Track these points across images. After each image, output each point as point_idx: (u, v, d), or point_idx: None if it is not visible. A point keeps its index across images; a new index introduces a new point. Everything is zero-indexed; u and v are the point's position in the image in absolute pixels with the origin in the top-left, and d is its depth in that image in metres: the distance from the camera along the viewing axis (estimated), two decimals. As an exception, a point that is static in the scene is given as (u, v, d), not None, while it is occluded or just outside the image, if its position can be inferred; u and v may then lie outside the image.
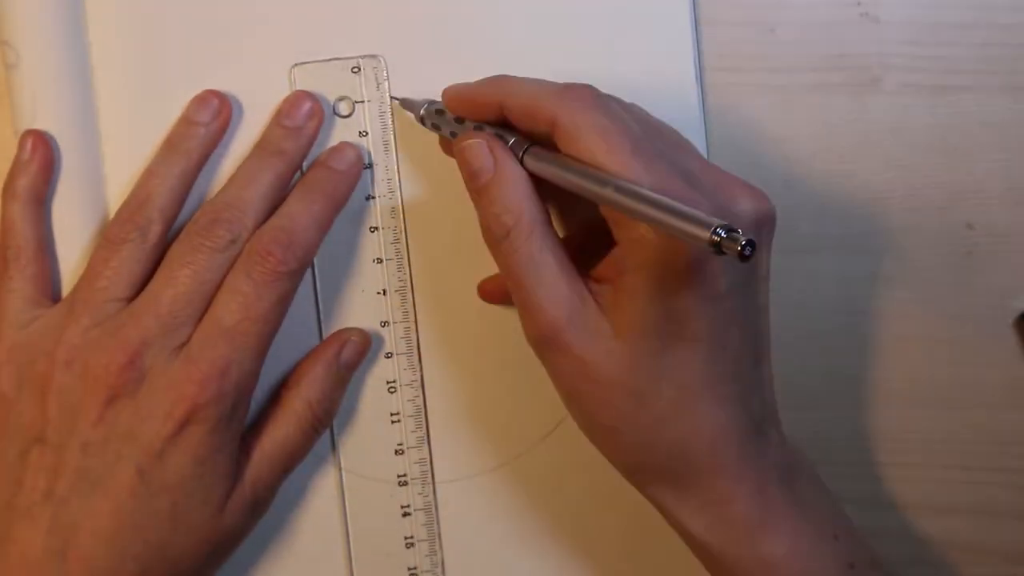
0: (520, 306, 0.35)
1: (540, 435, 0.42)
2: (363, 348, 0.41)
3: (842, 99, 0.42)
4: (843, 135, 0.42)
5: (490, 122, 0.37)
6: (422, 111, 0.39)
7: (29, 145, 0.39)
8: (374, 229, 0.41)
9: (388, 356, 0.41)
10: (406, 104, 0.40)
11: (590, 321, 0.34)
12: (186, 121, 0.40)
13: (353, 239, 0.41)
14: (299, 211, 0.38)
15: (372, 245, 0.41)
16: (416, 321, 0.41)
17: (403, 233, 0.41)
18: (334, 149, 0.40)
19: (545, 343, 0.35)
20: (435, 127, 0.39)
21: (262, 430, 0.39)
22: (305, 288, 0.41)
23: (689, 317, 0.33)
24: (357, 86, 0.41)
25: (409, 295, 0.41)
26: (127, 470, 0.36)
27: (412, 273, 0.41)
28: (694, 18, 0.41)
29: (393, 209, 0.41)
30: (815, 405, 0.42)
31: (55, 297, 0.39)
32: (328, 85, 0.41)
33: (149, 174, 0.39)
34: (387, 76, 0.41)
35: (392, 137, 0.41)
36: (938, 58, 0.42)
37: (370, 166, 0.41)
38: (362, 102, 0.41)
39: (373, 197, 0.41)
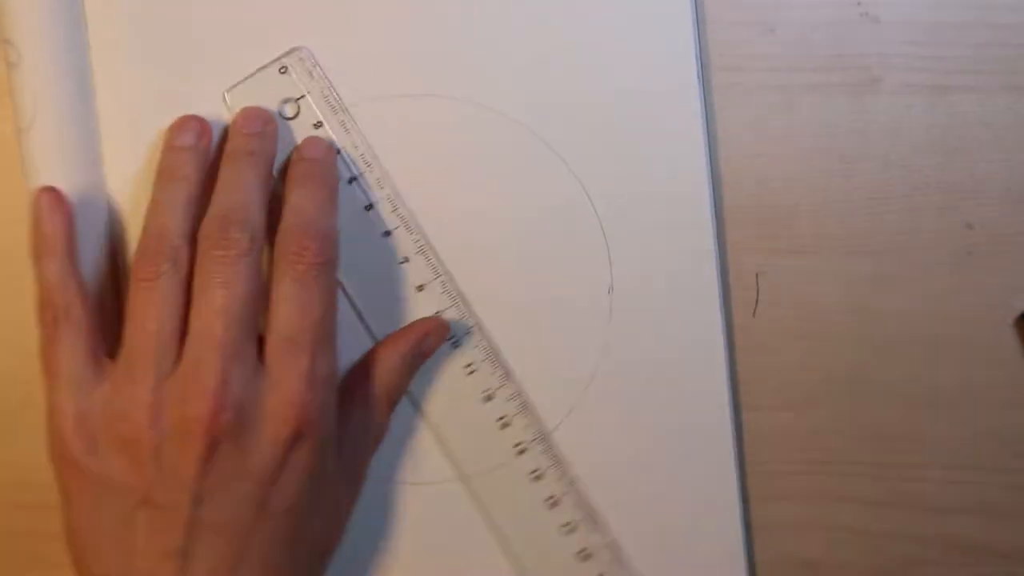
0: None
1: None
2: (441, 336, 0.41)
3: (842, 99, 0.42)
4: (843, 135, 0.42)
5: None
6: None
7: (46, 203, 0.38)
8: (369, 207, 0.41)
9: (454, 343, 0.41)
10: None
11: None
12: (172, 149, 0.39)
13: (352, 221, 0.41)
14: (304, 204, 0.38)
15: (377, 219, 0.41)
16: (439, 255, 0.41)
17: (399, 199, 0.41)
18: (302, 144, 0.40)
19: None
20: None
21: (345, 420, 0.39)
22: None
23: None
24: (291, 83, 0.41)
25: (432, 255, 0.41)
26: (247, 508, 0.36)
27: (426, 233, 0.41)
28: (695, 18, 0.41)
29: (378, 179, 0.41)
30: (815, 405, 0.42)
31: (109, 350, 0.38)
32: (266, 95, 0.40)
33: (156, 206, 0.38)
34: (315, 62, 0.41)
35: (346, 115, 0.41)
36: (938, 58, 0.42)
37: (339, 152, 0.41)
38: (303, 96, 0.41)
39: (355, 178, 0.41)
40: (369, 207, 0.41)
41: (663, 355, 0.41)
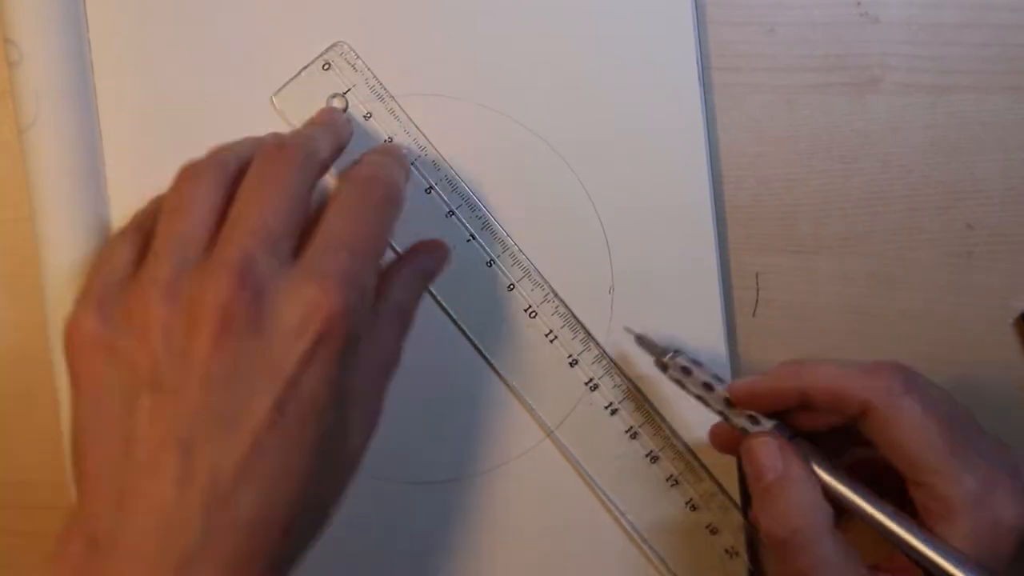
0: None
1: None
2: (444, 255, 0.40)
3: (842, 99, 0.42)
4: (843, 135, 0.42)
5: (769, 413, 0.36)
6: (667, 360, 0.38)
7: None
8: (429, 190, 0.41)
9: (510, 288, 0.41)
10: (645, 343, 0.39)
11: None
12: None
13: (415, 204, 0.41)
14: (378, 159, 0.37)
15: (435, 204, 0.41)
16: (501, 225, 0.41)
17: (457, 179, 0.41)
18: (380, 145, 0.40)
19: None
20: (678, 382, 0.38)
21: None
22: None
23: None
24: (336, 79, 0.41)
25: (498, 228, 0.41)
26: (263, 403, 0.31)
27: (490, 211, 0.41)
28: (695, 18, 0.41)
29: (434, 162, 0.41)
30: (815, 405, 0.42)
31: None
32: (312, 93, 0.41)
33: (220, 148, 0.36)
34: (356, 55, 0.41)
35: (393, 102, 0.41)
36: (938, 58, 0.42)
37: (390, 140, 0.41)
38: (349, 90, 0.41)
39: (412, 163, 0.41)
40: (429, 189, 0.41)
41: (663, 355, 0.41)
